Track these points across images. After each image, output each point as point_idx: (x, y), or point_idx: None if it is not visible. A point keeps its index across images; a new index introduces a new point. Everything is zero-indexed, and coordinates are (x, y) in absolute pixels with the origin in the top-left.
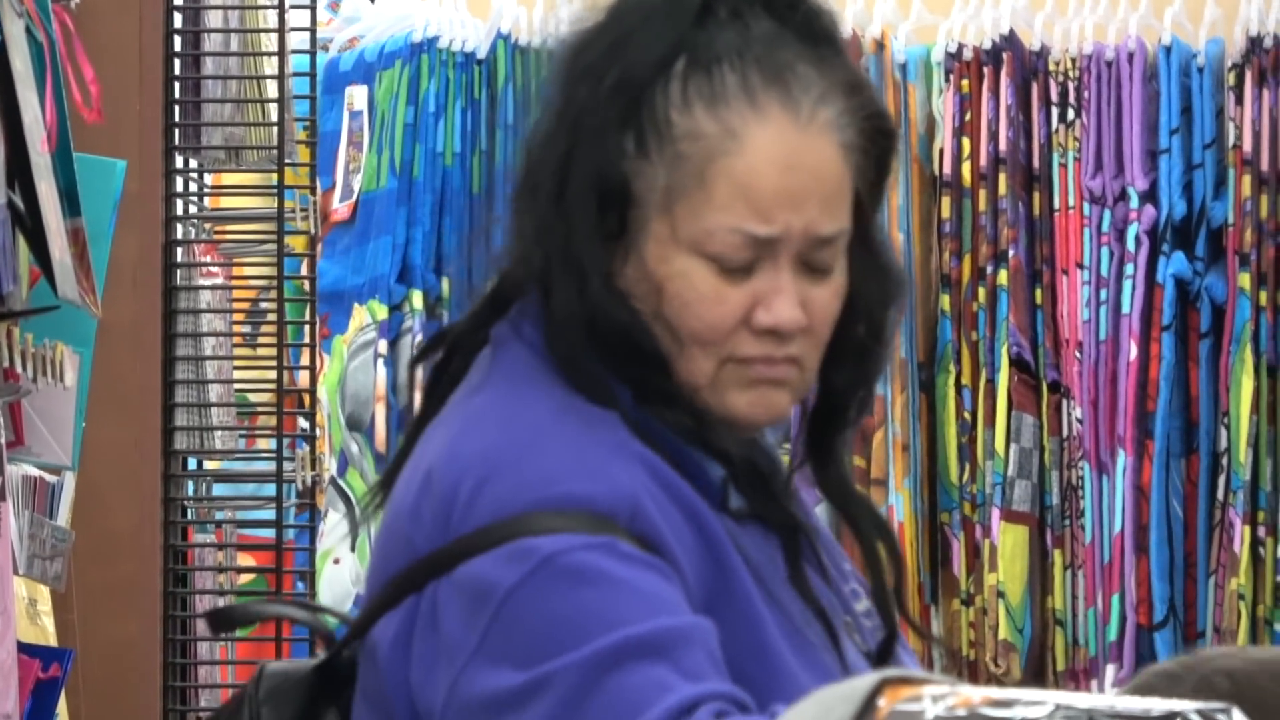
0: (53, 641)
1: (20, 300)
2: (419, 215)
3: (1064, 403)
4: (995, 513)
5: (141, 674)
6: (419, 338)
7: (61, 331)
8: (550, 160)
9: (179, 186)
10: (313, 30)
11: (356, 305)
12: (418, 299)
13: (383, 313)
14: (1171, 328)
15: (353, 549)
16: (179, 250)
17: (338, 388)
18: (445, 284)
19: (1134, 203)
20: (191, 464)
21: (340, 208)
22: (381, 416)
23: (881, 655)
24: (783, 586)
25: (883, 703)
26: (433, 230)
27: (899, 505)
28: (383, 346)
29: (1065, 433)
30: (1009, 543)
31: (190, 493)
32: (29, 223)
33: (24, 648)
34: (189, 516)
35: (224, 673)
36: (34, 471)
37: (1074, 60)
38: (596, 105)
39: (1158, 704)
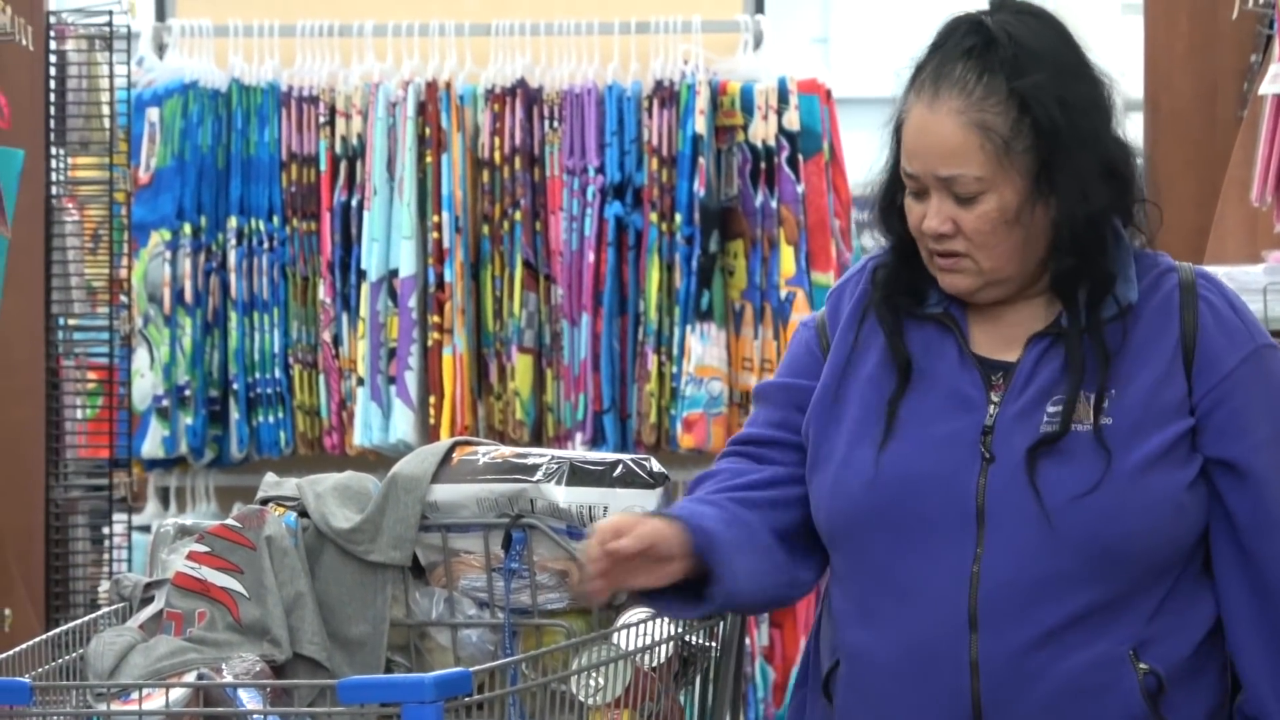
0: None
1: None
2: (187, 181)
3: (552, 286)
4: (514, 348)
5: (32, 441)
6: (187, 251)
7: None
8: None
9: (53, 165)
10: (128, 76)
11: (153, 231)
12: (186, 229)
13: (167, 236)
14: (612, 244)
15: (150, 369)
16: (52, 200)
17: (142, 278)
18: (203, 220)
19: (591, 173)
20: (60, 321)
21: (144, 176)
22: (166, 296)
23: (1046, 443)
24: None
25: (456, 455)
26: (195, 190)
27: (459, 344)
28: (167, 255)
29: (553, 302)
30: (522, 366)
31: (60, 337)
32: None
33: None
34: (59, 349)
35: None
36: None
37: (558, 93)
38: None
39: (611, 456)
